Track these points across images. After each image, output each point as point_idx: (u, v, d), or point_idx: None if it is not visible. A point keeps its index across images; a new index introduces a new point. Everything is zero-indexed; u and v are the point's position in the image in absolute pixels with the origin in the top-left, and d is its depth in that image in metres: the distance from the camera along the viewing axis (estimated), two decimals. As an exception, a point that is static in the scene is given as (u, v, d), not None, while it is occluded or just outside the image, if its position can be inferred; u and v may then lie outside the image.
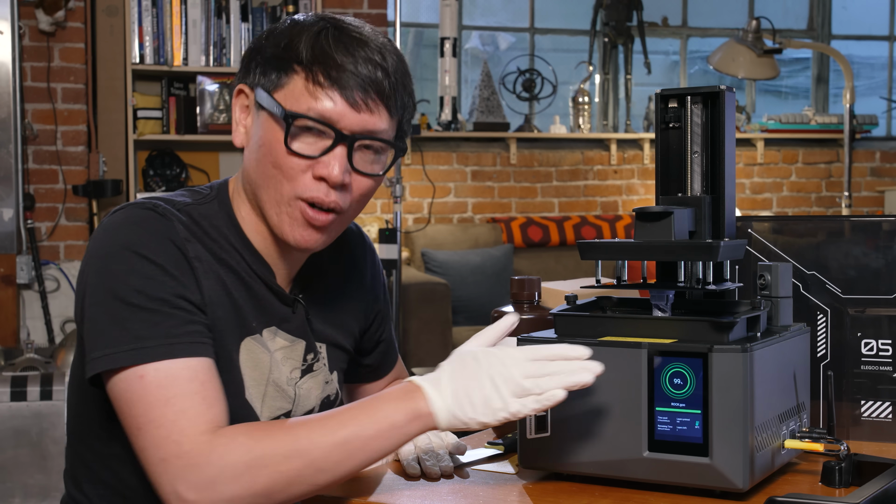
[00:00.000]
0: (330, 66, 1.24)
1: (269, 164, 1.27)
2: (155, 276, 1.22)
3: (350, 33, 1.27)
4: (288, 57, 1.26)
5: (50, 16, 4.70)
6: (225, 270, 1.31)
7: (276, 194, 1.28)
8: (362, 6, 5.56)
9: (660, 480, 1.17)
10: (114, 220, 1.27)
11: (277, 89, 1.26)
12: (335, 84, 1.24)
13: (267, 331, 1.35)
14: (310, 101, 1.24)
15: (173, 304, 1.22)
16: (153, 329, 1.19)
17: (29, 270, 4.66)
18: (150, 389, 1.17)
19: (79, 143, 4.87)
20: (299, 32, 1.27)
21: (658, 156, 1.32)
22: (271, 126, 1.26)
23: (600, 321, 1.24)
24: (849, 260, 1.45)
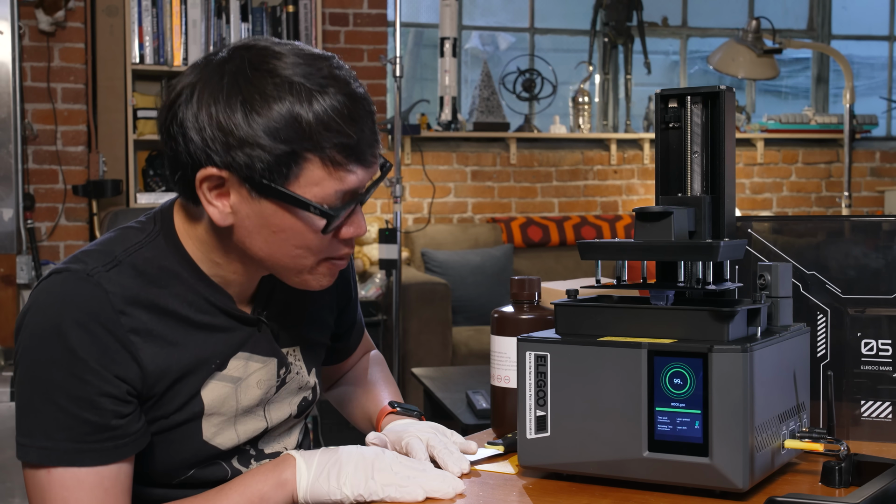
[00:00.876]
0: (346, 145, 1.18)
1: (291, 246, 1.23)
2: (78, 372, 1.18)
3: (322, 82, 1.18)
4: (295, 146, 1.16)
5: (50, 16, 4.70)
6: (174, 323, 1.26)
7: (299, 266, 1.25)
8: (362, 6, 5.56)
9: (660, 480, 1.17)
10: (45, 292, 1.22)
11: (290, 181, 1.18)
12: (354, 159, 1.20)
13: (234, 360, 1.32)
14: (335, 185, 1.19)
15: (94, 405, 1.19)
16: (67, 431, 1.18)
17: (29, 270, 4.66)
18: (54, 487, 1.19)
19: (79, 143, 4.87)
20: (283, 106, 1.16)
21: (658, 156, 1.32)
22: (287, 215, 1.20)
23: (600, 311, 1.24)
24: (849, 260, 1.45)
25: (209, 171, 1.19)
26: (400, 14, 4.07)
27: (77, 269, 1.22)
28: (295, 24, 4.90)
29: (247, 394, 1.34)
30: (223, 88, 1.18)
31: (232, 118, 1.17)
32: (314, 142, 1.16)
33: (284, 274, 1.27)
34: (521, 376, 1.24)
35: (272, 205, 1.20)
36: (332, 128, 1.17)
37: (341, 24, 5.49)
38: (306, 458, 1.24)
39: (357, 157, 1.20)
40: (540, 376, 1.22)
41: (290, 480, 1.23)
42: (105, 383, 1.19)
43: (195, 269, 1.28)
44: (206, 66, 1.22)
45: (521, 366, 1.24)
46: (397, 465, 1.21)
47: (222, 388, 1.31)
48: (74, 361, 1.18)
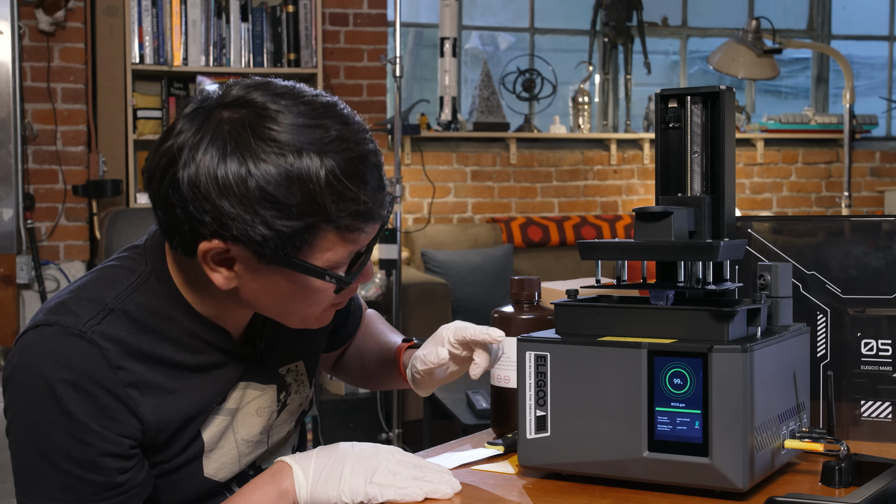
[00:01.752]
0: (358, 212, 1.13)
1: (301, 304, 1.20)
2: (80, 435, 1.15)
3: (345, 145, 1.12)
4: (307, 218, 1.11)
5: (50, 16, 4.70)
6: (171, 370, 1.22)
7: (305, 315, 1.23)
8: (362, 6, 5.56)
9: (660, 480, 1.17)
10: (37, 350, 1.16)
11: (303, 252, 1.13)
12: (370, 221, 1.16)
13: (234, 391, 1.30)
14: (349, 248, 1.16)
15: (97, 466, 1.17)
16: (73, 493, 1.16)
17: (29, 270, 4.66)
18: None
19: (79, 143, 4.87)
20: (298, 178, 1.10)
21: (658, 156, 1.32)
22: (299, 278, 1.16)
23: (600, 311, 1.24)
24: (849, 260, 1.45)
25: (214, 245, 1.13)
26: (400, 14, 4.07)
27: (67, 325, 1.16)
28: (295, 24, 4.90)
29: (245, 423, 1.32)
30: (226, 157, 1.10)
31: (236, 191, 1.10)
32: (328, 214, 1.11)
33: (289, 321, 1.25)
34: (521, 376, 1.24)
35: (282, 272, 1.15)
36: (346, 196, 1.11)
37: (341, 24, 5.49)
38: (302, 465, 1.22)
39: (370, 218, 1.16)
40: (540, 376, 1.22)
41: (289, 490, 1.21)
42: (107, 443, 1.16)
43: (189, 310, 1.23)
44: (203, 123, 1.12)
45: (521, 366, 1.24)
46: (395, 466, 1.21)
47: (220, 422, 1.29)
48: (74, 424, 1.14)
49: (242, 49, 4.82)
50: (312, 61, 4.91)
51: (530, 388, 1.23)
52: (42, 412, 1.15)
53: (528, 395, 1.23)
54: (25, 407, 1.16)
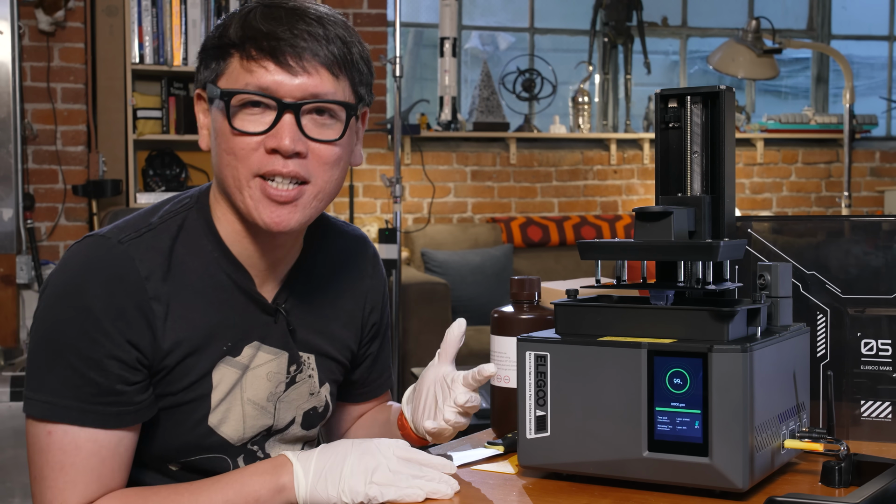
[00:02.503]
0: (260, 38, 1.22)
1: (223, 153, 1.25)
2: (91, 332, 1.20)
3: (281, 7, 1.25)
4: (222, 43, 1.25)
5: (50, 16, 4.70)
6: (196, 295, 1.27)
7: (234, 180, 1.25)
8: (362, 6, 5.56)
9: (660, 480, 1.17)
10: (73, 255, 1.25)
11: (219, 77, 1.26)
12: (267, 54, 1.22)
13: (248, 348, 1.32)
14: (247, 77, 1.23)
15: (101, 367, 1.20)
16: (73, 390, 1.20)
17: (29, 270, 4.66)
18: (53, 450, 1.21)
19: (79, 143, 4.87)
20: (230, 18, 1.26)
21: (658, 156, 1.32)
22: (218, 115, 1.26)
23: (600, 311, 1.24)
24: (849, 260, 1.45)
25: (196, 93, 1.31)
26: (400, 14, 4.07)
27: (108, 235, 1.25)
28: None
29: (253, 384, 1.33)
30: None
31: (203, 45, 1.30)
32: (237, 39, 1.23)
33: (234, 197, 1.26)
34: (521, 376, 1.24)
35: (214, 110, 1.27)
36: (256, 27, 1.22)
37: (341, 24, 5.48)
38: (303, 463, 1.22)
39: (271, 53, 1.21)
40: (540, 376, 1.22)
41: (287, 487, 1.22)
42: (116, 347, 1.21)
43: (221, 245, 1.30)
44: None
45: (521, 366, 1.24)
46: (395, 464, 1.21)
47: (231, 374, 1.31)
48: (89, 320, 1.20)
49: (242, 49, 4.81)
50: (312, 61, 4.91)
51: (530, 388, 1.23)
52: (63, 308, 1.21)
53: (528, 395, 1.23)
54: (51, 304, 1.22)
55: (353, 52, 1.26)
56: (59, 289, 1.23)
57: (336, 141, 1.26)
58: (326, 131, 1.25)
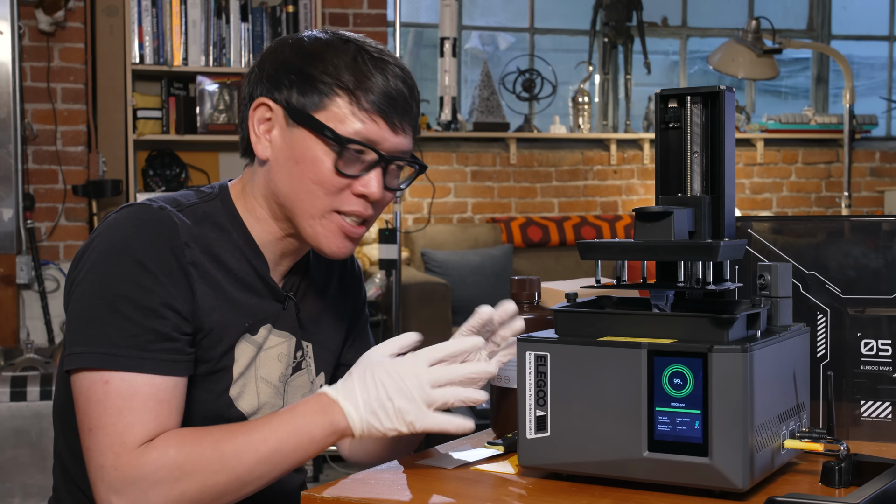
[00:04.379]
0: (376, 93, 1.31)
1: (308, 181, 1.33)
2: (145, 283, 1.26)
3: (385, 60, 1.34)
4: (329, 80, 1.31)
5: (50, 16, 4.70)
6: (223, 272, 1.35)
7: (312, 208, 1.34)
8: (362, 6, 5.56)
9: (660, 480, 1.17)
10: (117, 218, 1.32)
11: (318, 110, 1.32)
12: (379, 111, 1.31)
13: (263, 328, 1.40)
14: (355, 125, 1.31)
15: (158, 314, 1.26)
16: (130, 339, 1.25)
17: (29, 270, 4.66)
18: (111, 396, 1.23)
19: (78, 143, 4.87)
20: (335, 54, 1.32)
21: (658, 156, 1.32)
22: (313, 144, 1.32)
23: (600, 317, 1.24)
24: (849, 260, 1.45)
25: (260, 101, 1.35)
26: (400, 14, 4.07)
27: (148, 203, 1.33)
28: (295, 24, 4.90)
29: (266, 364, 1.40)
30: (291, 41, 1.36)
31: (291, 58, 1.34)
32: (349, 83, 1.30)
33: (300, 219, 1.35)
34: (521, 376, 1.24)
35: (301, 133, 1.32)
36: (369, 77, 1.31)
37: (341, 24, 5.49)
38: (350, 399, 1.25)
39: (382, 110, 1.31)
40: (540, 376, 1.22)
41: (341, 425, 1.25)
42: (169, 297, 1.27)
43: (243, 230, 1.38)
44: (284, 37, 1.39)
45: (521, 366, 1.24)
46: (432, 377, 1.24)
47: (249, 351, 1.38)
48: (143, 273, 1.26)
49: (242, 49, 4.82)
50: (312, 61, 4.91)
51: (530, 388, 1.23)
52: (116, 263, 1.27)
53: (528, 395, 1.23)
54: (101, 262, 1.28)
55: (419, 107, 1.40)
56: (109, 246, 1.28)
57: (399, 190, 1.40)
58: (395, 181, 1.39)
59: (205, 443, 1.24)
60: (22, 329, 4.70)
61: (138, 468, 1.21)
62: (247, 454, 1.24)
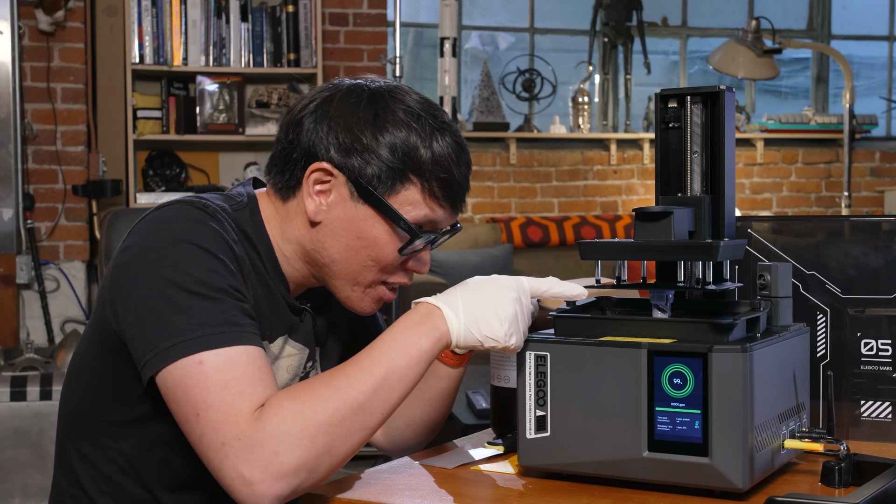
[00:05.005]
0: (447, 181, 1.31)
1: (366, 256, 1.32)
2: (215, 267, 1.23)
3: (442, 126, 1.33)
4: (406, 167, 1.29)
5: (50, 16, 4.70)
6: (256, 276, 1.34)
7: (360, 278, 1.34)
8: (362, 6, 5.56)
9: (660, 480, 1.17)
10: (165, 214, 1.28)
11: (391, 195, 1.30)
12: (449, 199, 1.33)
13: (280, 339, 1.38)
14: (425, 211, 1.31)
15: (233, 295, 1.23)
16: (219, 316, 1.20)
17: (28, 270, 4.66)
18: (210, 374, 1.17)
19: (78, 143, 4.87)
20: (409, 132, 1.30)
21: (658, 156, 1.32)
22: (378, 225, 1.31)
23: (600, 322, 1.24)
24: (848, 260, 1.45)
25: (323, 165, 1.30)
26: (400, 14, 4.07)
27: (191, 201, 1.30)
28: (295, 24, 4.90)
29: (278, 374, 1.39)
30: (359, 104, 1.31)
31: (361, 128, 1.29)
32: (423, 169, 1.29)
33: (342, 283, 1.35)
34: (521, 376, 1.24)
35: (366, 210, 1.31)
36: (442, 164, 1.30)
37: (341, 24, 5.49)
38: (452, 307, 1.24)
39: (451, 197, 1.33)
40: (540, 376, 1.22)
41: (444, 332, 1.24)
42: (237, 281, 1.25)
43: (269, 250, 1.36)
44: (337, 87, 1.34)
45: (521, 366, 1.24)
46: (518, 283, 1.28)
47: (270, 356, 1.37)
48: (212, 258, 1.23)
49: (242, 49, 4.82)
50: (312, 61, 4.91)
51: (530, 388, 1.23)
52: (182, 252, 1.23)
53: (528, 395, 1.23)
54: (163, 254, 1.23)
55: None
56: (167, 240, 1.24)
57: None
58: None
59: (315, 384, 1.19)
60: (22, 329, 4.70)
61: (260, 430, 1.14)
62: (361, 381, 1.19)
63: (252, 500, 1.14)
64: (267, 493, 1.13)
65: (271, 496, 1.14)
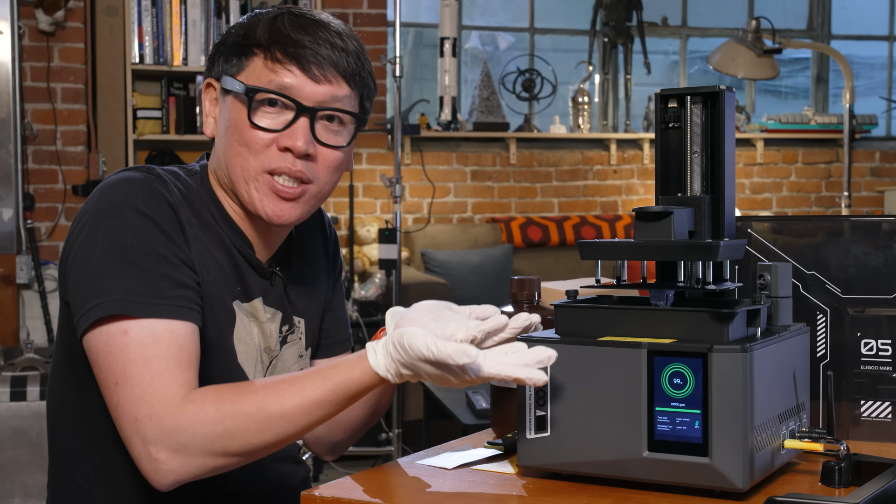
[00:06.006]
0: (287, 43, 1.31)
1: (235, 143, 1.32)
2: (151, 232, 1.25)
3: (307, 17, 1.33)
4: (247, 42, 1.33)
5: (50, 16, 4.70)
6: (210, 238, 1.35)
7: (243, 171, 1.33)
8: (362, 6, 5.56)
9: (660, 480, 1.17)
10: (110, 180, 1.30)
11: (239, 72, 1.33)
12: (293, 59, 1.31)
13: (257, 300, 1.39)
14: (270, 76, 1.31)
15: (168, 261, 1.25)
16: (145, 287, 1.23)
17: (28, 270, 4.66)
18: (132, 346, 1.21)
19: (78, 143, 4.87)
20: (257, 20, 1.34)
21: (658, 156, 1.32)
22: (236, 106, 1.33)
23: (600, 312, 1.24)
24: (848, 260, 1.45)
25: (206, 82, 1.39)
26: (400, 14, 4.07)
27: (138, 167, 1.33)
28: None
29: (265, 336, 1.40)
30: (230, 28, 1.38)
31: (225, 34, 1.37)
32: (264, 40, 1.31)
33: (238, 185, 1.34)
34: (520, 376, 1.24)
35: (228, 100, 1.34)
36: (285, 34, 1.31)
37: (341, 24, 5.48)
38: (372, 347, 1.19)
39: (296, 59, 1.30)
40: (540, 376, 1.22)
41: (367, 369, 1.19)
42: (175, 246, 1.26)
43: (223, 212, 1.37)
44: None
45: (520, 366, 1.24)
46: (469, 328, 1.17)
47: (244, 317, 1.37)
48: (148, 223, 1.25)
49: (242, 49, 4.82)
50: (312, 61, 4.91)
51: (530, 388, 1.23)
52: (118, 216, 1.25)
53: (528, 395, 1.23)
54: (102, 219, 1.26)
55: (366, 69, 1.36)
56: (108, 204, 1.26)
57: (343, 147, 1.35)
58: (335, 137, 1.35)
59: (247, 402, 1.19)
60: (22, 329, 4.70)
61: (175, 418, 1.18)
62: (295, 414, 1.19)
63: (155, 477, 1.20)
64: (169, 473, 1.19)
65: (173, 477, 1.20)
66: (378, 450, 4.31)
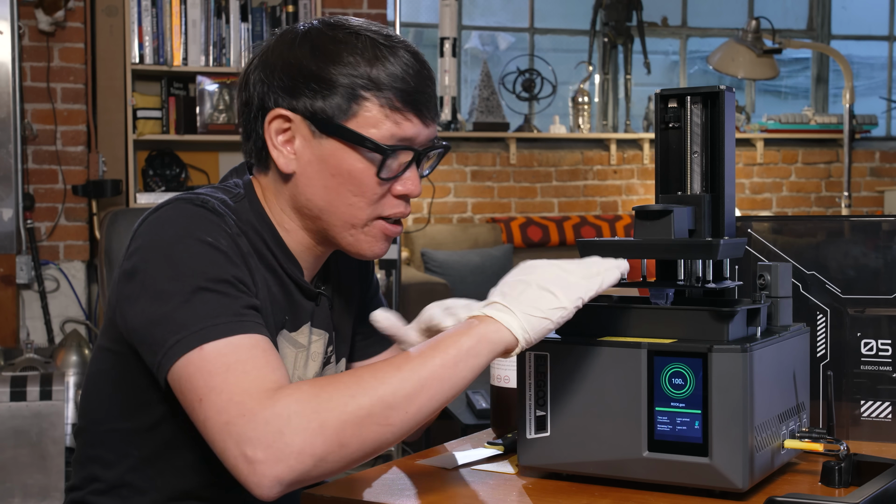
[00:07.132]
0: (405, 90, 1.25)
1: (348, 193, 1.28)
2: (219, 260, 1.20)
3: (404, 47, 1.28)
4: (356, 86, 1.25)
5: (50, 16, 4.70)
6: (265, 267, 1.31)
7: (354, 219, 1.29)
8: (362, 6, 5.56)
9: (659, 480, 1.17)
10: (165, 215, 1.25)
11: (349, 118, 1.25)
12: (411, 107, 1.26)
13: (305, 326, 1.37)
14: (391, 128, 1.26)
15: (237, 287, 1.20)
16: (223, 308, 1.16)
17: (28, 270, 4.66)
18: (210, 358, 1.13)
19: (78, 143, 4.87)
20: (351, 52, 1.25)
21: (658, 156, 1.32)
22: (348, 156, 1.26)
23: (600, 312, 1.24)
24: (848, 260, 1.45)
25: (277, 112, 1.27)
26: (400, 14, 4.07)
27: (191, 198, 1.26)
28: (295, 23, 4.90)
29: (307, 365, 1.38)
30: (294, 42, 1.28)
31: (300, 63, 1.26)
32: (375, 83, 1.24)
33: (339, 230, 1.30)
34: (521, 376, 1.24)
35: (332, 144, 1.26)
36: (396, 75, 1.25)
37: (341, 24, 5.49)
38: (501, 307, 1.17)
39: (414, 106, 1.26)
40: (540, 376, 1.22)
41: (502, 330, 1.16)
42: (242, 274, 1.22)
43: (276, 235, 1.33)
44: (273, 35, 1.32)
45: (521, 366, 1.24)
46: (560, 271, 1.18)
47: (287, 349, 1.34)
48: (214, 251, 1.20)
49: (242, 49, 4.82)
50: (312, 61, 4.91)
51: (530, 388, 1.23)
52: (183, 248, 1.20)
53: (528, 395, 1.23)
54: (165, 252, 1.20)
55: None
56: (170, 237, 1.21)
57: (427, 174, 1.35)
58: (424, 167, 1.34)
59: (342, 377, 1.13)
60: (22, 329, 4.70)
61: (269, 408, 1.08)
62: (387, 373, 1.11)
63: (254, 480, 1.07)
64: (269, 474, 1.07)
65: (273, 477, 1.07)
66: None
